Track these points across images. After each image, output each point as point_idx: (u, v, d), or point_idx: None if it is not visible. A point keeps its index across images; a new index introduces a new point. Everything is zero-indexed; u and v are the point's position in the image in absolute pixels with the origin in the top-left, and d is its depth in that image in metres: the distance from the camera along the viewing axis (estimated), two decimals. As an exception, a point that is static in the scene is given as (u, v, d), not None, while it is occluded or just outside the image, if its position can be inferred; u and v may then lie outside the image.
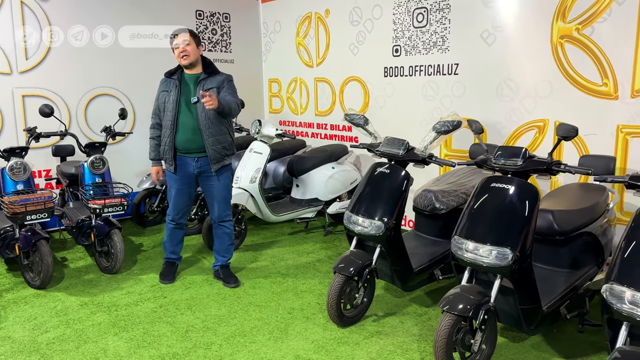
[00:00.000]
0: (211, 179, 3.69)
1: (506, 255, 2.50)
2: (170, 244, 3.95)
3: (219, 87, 3.57)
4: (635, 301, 2.01)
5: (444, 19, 4.44)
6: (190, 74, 3.60)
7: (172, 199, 3.79)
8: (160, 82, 3.69)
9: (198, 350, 2.94)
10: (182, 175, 3.70)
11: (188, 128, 3.56)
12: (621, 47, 3.43)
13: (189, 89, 3.58)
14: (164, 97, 3.62)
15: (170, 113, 3.56)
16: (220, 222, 3.82)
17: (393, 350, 2.93)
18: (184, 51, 3.49)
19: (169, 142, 3.61)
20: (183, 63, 3.53)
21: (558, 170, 2.57)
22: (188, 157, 3.64)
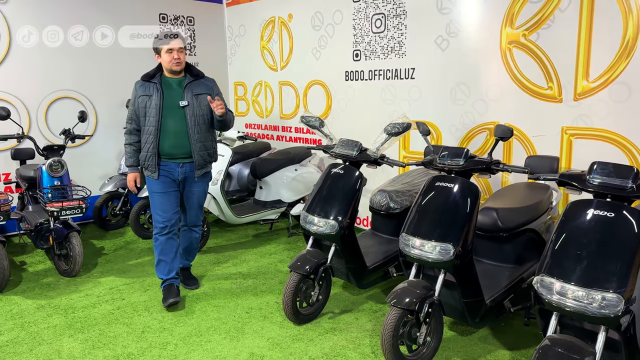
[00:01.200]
0: (193, 185, 3.57)
1: (448, 251, 2.61)
2: (165, 262, 3.54)
3: (209, 93, 3.47)
4: (563, 292, 2.13)
5: (401, 24, 4.57)
6: (173, 77, 3.44)
7: (157, 205, 3.50)
8: (135, 85, 3.46)
9: (153, 350, 2.97)
10: (166, 181, 3.48)
11: (174, 133, 3.40)
12: (564, 52, 3.59)
13: (174, 92, 3.41)
14: (144, 102, 3.39)
15: (154, 118, 3.36)
16: (192, 227, 3.74)
17: (346, 346, 3.01)
18: (179, 58, 3.35)
19: (152, 149, 3.39)
20: (174, 69, 3.37)
21: (497, 169, 2.70)
22: (172, 163, 3.46)
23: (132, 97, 3.48)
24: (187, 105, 3.39)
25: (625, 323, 2.03)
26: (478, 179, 4.22)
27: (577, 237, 2.16)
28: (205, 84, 3.52)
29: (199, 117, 3.44)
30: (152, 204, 3.54)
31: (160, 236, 3.52)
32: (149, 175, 3.49)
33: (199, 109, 3.44)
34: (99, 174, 5.53)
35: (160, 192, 3.49)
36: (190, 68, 3.51)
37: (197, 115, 3.42)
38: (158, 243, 3.53)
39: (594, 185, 2.19)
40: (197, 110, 3.43)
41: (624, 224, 2.10)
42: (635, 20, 3.25)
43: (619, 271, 2.03)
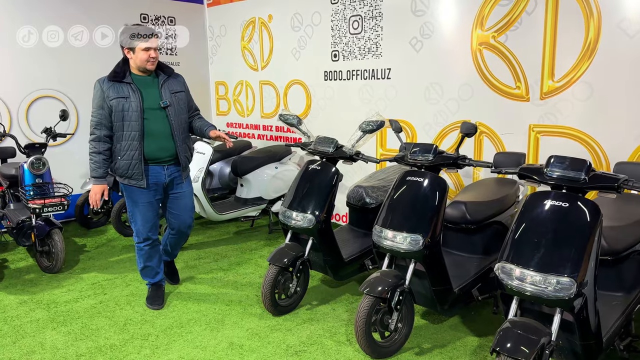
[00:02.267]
0: (181, 187, 3.44)
1: (418, 241, 2.74)
2: (150, 268, 3.52)
3: (184, 90, 3.39)
4: (522, 277, 2.27)
5: (377, 26, 4.70)
6: (144, 76, 3.23)
7: (142, 215, 3.33)
8: (101, 86, 3.15)
9: (135, 341, 3.06)
10: (154, 188, 3.31)
11: (159, 135, 3.23)
12: (531, 53, 3.76)
13: (151, 92, 3.22)
14: (120, 105, 3.11)
15: (136, 122, 3.12)
16: (186, 232, 3.61)
17: (322, 334, 3.13)
18: (155, 57, 3.17)
19: (137, 155, 3.16)
20: (149, 68, 3.18)
21: (463, 164, 2.85)
22: (157, 167, 3.28)
23: (97, 99, 3.16)
24: (168, 106, 3.24)
25: (578, 305, 2.18)
26: (451, 175, 4.38)
27: (535, 226, 2.31)
28: (179, 80, 3.39)
29: (181, 116, 3.33)
30: (135, 215, 3.34)
31: (144, 246, 3.42)
32: (133, 184, 3.23)
33: (179, 108, 3.33)
34: (81, 173, 5.56)
35: (146, 202, 3.31)
36: (160, 65, 3.32)
37: (179, 114, 3.31)
38: (142, 252, 3.44)
39: (550, 177, 2.34)
40: (178, 109, 3.31)
41: (577, 214, 2.25)
42: (596, 22, 3.43)
43: (573, 257, 2.18)
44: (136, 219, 3.35)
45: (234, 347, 2.98)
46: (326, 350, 2.95)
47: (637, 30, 3.28)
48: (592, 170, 2.29)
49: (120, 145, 3.18)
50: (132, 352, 2.94)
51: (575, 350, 2.34)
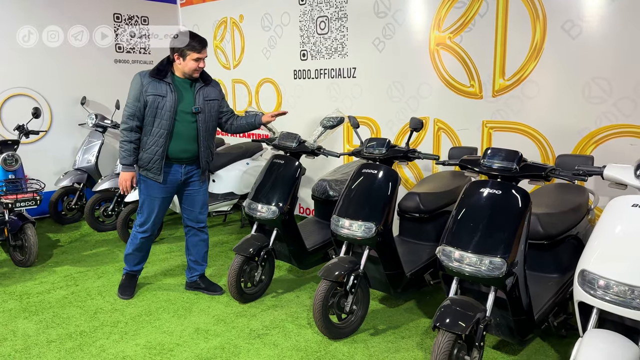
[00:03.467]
0: (195, 185, 3.55)
1: (371, 229, 2.94)
2: (137, 256, 3.64)
3: (218, 98, 3.51)
4: (461, 259, 2.48)
5: (343, 27, 4.89)
6: (184, 79, 3.34)
7: (153, 208, 3.46)
8: (141, 79, 3.25)
9: (104, 328, 3.20)
10: (170, 185, 3.44)
11: (185, 138, 3.35)
12: (484, 53, 3.98)
13: (186, 96, 3.33)
14: (156, 102, 3.22)
15: (167, 121, 3.25)
16: (199, 228, 3.68)
17: (285, 319, 3.31)
18: (202, 67, 3.32)
19: (161, 152, 3.29)
20: (195, 76, 3.32)
21: (413, 157, 3.06)
22: (177, 165, 3.41)
23: (135, 91, 3.26)
24: (199, 112, 3.35)
25: (510, 284, 2.39)
26: (412, 168, 4.60)
27: (472, 212, 2.52)
28: (215, 88, 3.49)
29: (209, 123, 3.44)
30: (146, 208, 3.48)
31: (140, 235, 3.54)
32: (151, 177, 3.37)
33: (209, 115, 3.43)
34: (55, 170, 5.65)
35: (160, 197, 3.45)
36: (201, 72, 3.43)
37: (208, 122, 3.42)
38: (137, 241, 3.55)
39: (486, 167, 2.55)
40: (208, 116, 3.42)
41: (510, 200, 2.47)
42: (542, 24, 3.66)
43: (505, 240, 2.39)
44: (144, 210, 3.50)
45: (199, 332, 3.14)
46: (287, 333, 3.13)
47: (579, 32, 3.52)
48: (524, 161, 2.51)
49: (147, 139, 3.31)
50: (101, 337, 3.08)
51: (510, 325, 2.56)
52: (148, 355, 2.87)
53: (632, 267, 2.08)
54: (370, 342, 3.00)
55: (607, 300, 2.11)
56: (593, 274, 2.15)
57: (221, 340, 3.04)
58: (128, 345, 2.98)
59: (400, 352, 2.90)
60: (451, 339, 2.32)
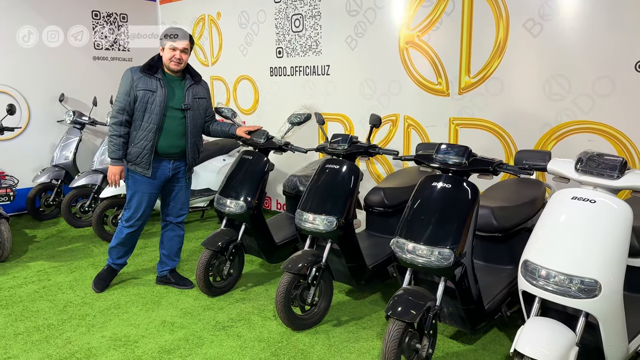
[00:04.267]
0: (180, 181, 3.62)
1: (333, 223, 3.01)
2: (120, 249, 3.69)
3: (207, 97, 3.59)
4: (413, 251, 2.56)
5: (317, 25, 4.96)
6: (174, 75, 3.41)
7: (141, 203, 3.51)
8: (131, 75, 3.31)
9: (72, 321, 3.25)
10: (158, 180, 3.50)
11: (173, 134, 3.42)
12: (450, 52, 4.07)
13: (176, 92, 3.40)
14: (146, 97, 3.29)
15: (156, 116, 3.31)
16: (177, 223, 3.74)
17: (251, 312, 3.38)
18: (180, 59, 3.32)
19: (150, 147, 3.35)
20: (173, 68, 3.33)
21: (374, 152, 3.14)
22: (165, 160, 3.48)
23: (125, 86, 3.31)
24: (188, 109, 3.42)
25: (458, 274, 2.47)
26: (384, 164, 4.68)
27: (424, 205, 2.60)
28: (204, 87, 3.59)
29: (197, 120, 3.52)
30: (134, 203, 3.52)
31: (126, 230, 3.59)
32: (140, 172, 3.42)
33: (198, 113, 3.51)
34: (33, 166, 5.67)
35: (147, 193, 3.50)
36: (189, 69, 3.51)
37: (196, 119, 3.50)
38: (122, 235, 3.61)
39: (438, 162, 2.63)
40: (197, 114, 3.50)
41: (459, 194, 2.55)
42: (505, 23, 3.75)
43: (454, 231, 2.48)
44: (132, 205, 3.54)
45: (165, 325, 3.21)
46: (252, 324, 3.20)
47: (540, 31, 3.61)
48: (473, 156, 2.59)
49: (137, 133, 3.36)
50: (68, 330, 3.13)
51: (460, 314, 2.64)
52: (113, 347, 2.93)
53: (570, 257, 2.17)
54: (331, 333, 3.08)
55: (548, 290, 2.20)
56: (535, 264, 2.24)
57: (186, 332, 3.10)
58: (94, 337, 3.04)
59: (360, 341, 2.98)
60: (401, 327, 2.40)
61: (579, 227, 2.20)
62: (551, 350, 2.09)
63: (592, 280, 2.08)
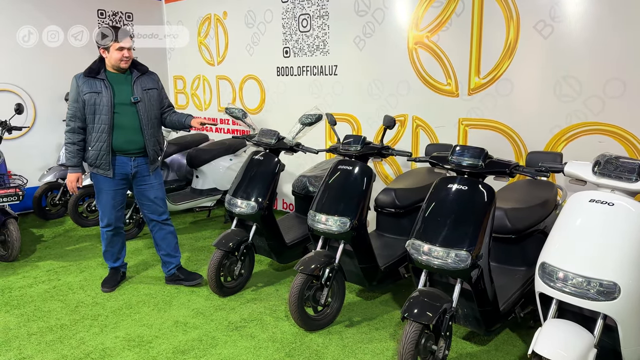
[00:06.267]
0: (148, 179, 3.62)
1: (346, 224, 3.02)
2: (111, 252, 3.76)
3: (156, 87, 3.60)
4: (429, 252, 2.57)
5: (324, 24, 4.96)
6: (117, 73, 3.45)
7: (107, 202, 3.56)
8: (76, 81, 3.37)
9: (85, 321, 3.25)
10: (119, 177, 3.53)
11: (128, 129, 3.44)
12: (460, 52, 4.07)
13: (123, 88, 3.43)
14: (92, 99, 3.33)
15: (106, 116, 3.35)
16: (162, 221, 3.76)
17: (263, 312, 3.38)
18: (128, 57, 3.39)
19: (105, 147, 3.39)
20: (123, 67, 3.40)
21: (387, 154, 3.14)
22: (124, 157, 3.49)
23: (73, 93, 3.38)
24: (139, 101, 3.45)
25: (475, 276, 2.48)
26: (392, 165, 4.69)
27: (440, 207, 2.61)
28: (152, 78, 3.61)
29: (151, 112, 3.52)
30: (101, 202, 3.58)
31: (107, 232, 3.66)
32: (101, 173, 3.47)
33: (150, 104, 3.52)
34: (39, 166, 5.67)
35: (111, 190, 3.53)
36: (135, 63, 3.54)
37: (149, 111, 3.51)
38: (105, 237, 3.68)
39: (454, 164, 2.64)
40: (149, 105, 3.51)
41: (475, 196, 2.56)
42: (516, 24, 3.75)
43: (470, 233, 2.49)
44: (101, 205, 3.60)
45: (178, 325, 3.21)
46: (265, 325, 3.20)
47: (551, 32, 3.61)
48: (489, 158, 2.60)
49: (91, 136, 3.41)
50: (81, 330, 3.14)
51: (476, 316, 2.65)
52: (127, 347, 2.94)
53: (589, 260, 2.18)
54: (344, 334, 3.09)
55: (566, 292, 2.21)
56: (552, 267, 2.25)
57: (199, 333, 3.11)
58: (107, 338, 3.05)
59: (374, 342, 2.99)
60: (418, 329, 2.41)
61: (597, 230, 2.21)
62: (570, 352, 2.10)
63: (611, 283, 2.10)
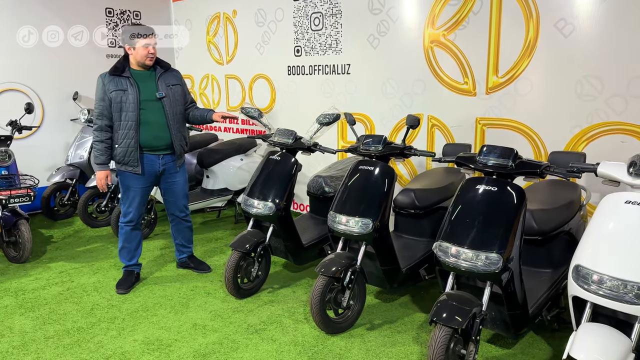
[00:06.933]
0: (175, 176, 3.71)
1: (368, 225, 2.97)
2: (128, 249, 3.76)
3: (180, 84, 3.67)
4: (457, 255, 2.52)
5: (337, 23, 4.91)
6: (142, 70, 3.52)
7: (134, 198, 3.62)
8: (102, 80, 3.45)
9: (102, 324, 3.20)
10: (148, 175, 3.59)
11: (154, 125, 3.50)
12: (477, 51, 4.02)
13: (148, 85, 3.51)
14: (119, 97, 3.40)
15: (133, 113, 3.41)
16: (183, 217, 3.89)
17: (282, 314, 3.33)
18: (154, 53, 3.47)
19: (133, 143, 3.45)
20: (147, 64, 3.47)
21: (409, 154, 3.09)
22: (153, 155, 3.56)
23: (99, 92, 3.45)
24: (164, 97, 3.52)
25: (505, 279, 2.44)
26: (405, 164, 4.64)
27: (468, 209, 2.56)
28: (175, 74, 3.68)
29: (176, 107, 3.60)
30: (127, 198, 3.63)
31: (126, 226, 3.69)
32: (130, 170, 3.52)
33: (175, 100, 3.60)
34: (47, 165, 5.62)
35: (139, 187, 3.59)
36: (157, 60, 3.59)
37: (174, 106, 3.59)
38: (123, 232, 3.71)
39: (482, 164, 2.59)
40: (173, 101, 3.59)
41: (505, 197, 2.51)
42: (535, 23, 3.70)
43: (500, 235, 2.44)
44: (126, 201, 3.66)
45: (197, 328, 3.16)
46: (284, 328, 3.15)
47: (572, 30, 3.56)
48: (519, 158, 2.55)
49: (118, 134, 3.47)
50: (98, 333, 3.08)
51: (505, 319, 2.60)
52: (147, 351, 2.89)
53: (624, 262, 2.13)
54: (367, 337, 3.04)
55: (601, 295, 2.16)
56: (587, 269, 2.21)
57: (219, 336, 3.06)
58: (126, 341, 2.99)
59: (397, 346, 2.94)
60: (448, 333, 2.36)
61: (634, 232, 2.16)
62: (607, 357, 2.05)
63: (650, 286, 2.05)
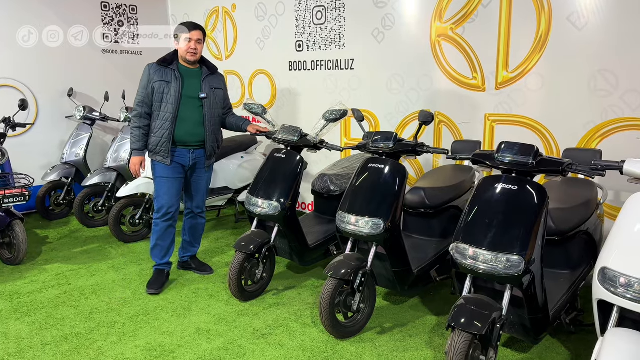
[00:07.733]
0: (202, 172, 3.73)
1: (379, 225, 2.86)
2: (161, 247, 3.69)
3: (222, 88, 3.71)
4: (475, 256, 2.41)
5: (340, 17, 4.78)
6: (190, 67, 3.54)
7: (163, 189, 3.59)
8: (150, 69, 3.46)
9: (101, 329, 3.07)
10: (176, 166, 3.58)
11: (191, 122, 3.52)
12: (487, 45, 3.91)
13: (192, 82, 3.52)
14: (162, 88, 3.43)
15: (172, 105, 3.43)
16: (199, 213, 3.86)
17: (288, 318, 3.22)
18: (195, 49, 3.46)
19: (167, 135, 3.46)
20: (189, 59, 3.47)
21: (421, 151, 2.97)
22: (184, 149, 3.57)
23: (144, 80, 3.47)
24: (205, 98, 3.54)
25: (526, 282, 2.33)
26: (412, 162, 4.53)
27: (487, 208, 2.45)
28: (219, 79, 3.70)
29: (215, 110, 3.63)
30: (159, 188, 3.61)
31: (161, 222, 3.63)
32: (159, 160, 3.53)
33: (215, 102, 3.62)
34: (42, 164, 5.47)
35: (169, 178, 3.58)
36: (205, 61, 3.64)
37: (214, 108, 3.61)
38: (158, 228, 3.65)
39: (501, 162, 2.48)
40: (214, 103, 3.61)
41: (526, 196, 2.40)
42: (547, 16, 3.60)
43: (521, 237, 2.33)
44: (159, 192, 3.62)
45: (201, 332, 3.04)
46: (292, 332, 3.04)
47: (585, 24, 3.46)
48: (540, 155, 2.44)
49: (155, 123, 3.50)
50: (98, 339, 2.95)
51: (525, 324, 2.50)
52: (149, 358, 2.76)
53: (654, 265, 2.03)
54: (377, 341, 2.93)
55: (629, 298, 2.05)
56: (614, 272, 2.10)
57: (224, 341, 2.94)
58: (127, 347, 2.87)
59: (409, 351, 2.83)
60: (468, 339, 2.25)
61: (664, 233, 2.06)
62: (639, 364, 1.95)
63: (683, 290, 1.95)
